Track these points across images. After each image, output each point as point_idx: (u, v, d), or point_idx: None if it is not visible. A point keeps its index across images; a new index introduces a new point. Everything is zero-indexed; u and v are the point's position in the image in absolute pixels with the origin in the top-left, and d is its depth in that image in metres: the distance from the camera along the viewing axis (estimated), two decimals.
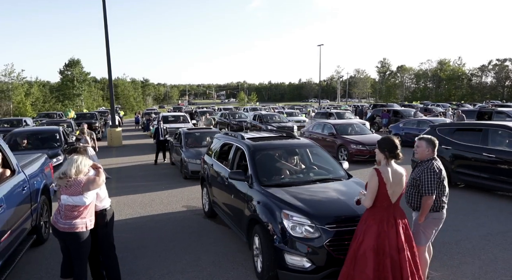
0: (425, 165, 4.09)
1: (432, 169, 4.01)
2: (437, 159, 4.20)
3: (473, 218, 6.84)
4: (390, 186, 3.61)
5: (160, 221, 7.14)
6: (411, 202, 4.19)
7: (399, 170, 3.74)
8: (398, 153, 3.72)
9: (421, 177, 4.02)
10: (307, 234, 4.06)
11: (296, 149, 5.98)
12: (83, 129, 11.85)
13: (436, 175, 4.01)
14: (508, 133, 7.92)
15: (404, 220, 3.76)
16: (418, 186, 4.08)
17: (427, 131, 9.84)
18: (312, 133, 15.18)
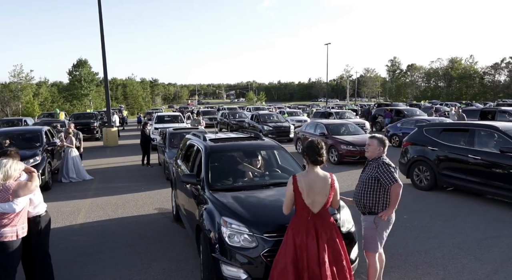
0: (377, 162, 3.92)
1: (387, 163, 3.87)
2: (386, 158, 3.98)
3: (453, 224, 6.46)
4: (307, 195, 3.29)
5: (126, 225, 6.93)
6: (365, 202, 3.93)
7: (321, 178, 3.39)
8: (317, 158, 3.38)
9: (378, 172, 3.84)
10: (244, 243, 3.78)
11: (256, 151, 5.68)
12: (68, 130, 11.76)
13: (393, 167, 3.86)
14: (494, 134, 7.49)
15: (330, 232, 3.37)
16: (374, 183, 3.87)
17: (415, 131, 9.47)
18: (305, 133, 14.84)
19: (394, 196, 3.80)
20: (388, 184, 3.77)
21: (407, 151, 9.31)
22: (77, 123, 22.81)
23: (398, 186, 3.76)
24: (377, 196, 3.88)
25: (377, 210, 3.90)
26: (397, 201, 3.82)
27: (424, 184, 8.76)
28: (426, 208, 7.41)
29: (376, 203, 3.89)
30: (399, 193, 3.79)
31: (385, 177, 3.78)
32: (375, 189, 3.88)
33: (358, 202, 4.02)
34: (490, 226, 6.29)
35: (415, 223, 6.54)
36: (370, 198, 3.90)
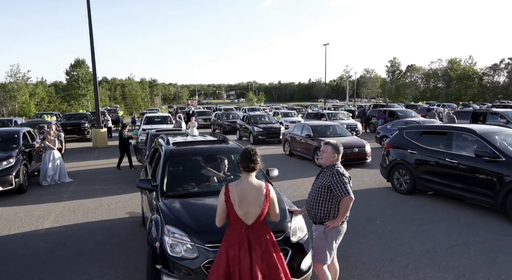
0: (331, 170, 3.74)
1: (341, 172, 3.69)
2: (341, 166, 3.78)
3: (425, 229, 6.29)
4: (239, 206, 3.09)
5: (93, 229, 6.77)
6: (316, 212, 3.77)
7: (255, 187, 3.18)
8: (250, 165, 3.18)
9: (332, 182, 3.67)
10: (185, 253, 3.63)
11: (218, 155, 5.52)
12: (50, 131, 11.60)
13: (347, 178, 3.69)
14: (471, 137, 7.32)
15: (265, 245, 3.17)
16: (326, 193, 3.70)
17: (396, 134, 9.30)
18: (292, 134, 14.67)
19: (343, 208, 3.65)
20: (340, 195, 3.61)
21: (388, 154, 9.15)
22: (68, 123, 22.84)
23: (349, 199, 3.60)
24: (328, 206, 3.72)
25: (328, 220, 3.73)
26: (345, 213, 3.67)
27: (404, 188, 8.59)
28: (402, 213, 7.25)
29: (327, 213, 3.73)
30: (349, 206, 3.64)
31: (338, 188, 3.61)
32: (327, 199, 3.71)
33: (310, 211, 3.86)
34: (462, 232, 6.12)
35: (387, 229, 6.37)
36: (321, 207, 3.74)
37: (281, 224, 3.93)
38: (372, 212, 7.41)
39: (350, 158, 11.98)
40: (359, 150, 12.01)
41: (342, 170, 3.71)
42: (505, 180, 6.42)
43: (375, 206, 7.83)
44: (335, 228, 3.72)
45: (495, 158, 6.65)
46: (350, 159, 11.99)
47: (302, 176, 11.03)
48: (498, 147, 6.79)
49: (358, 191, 9.13)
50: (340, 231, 3.80)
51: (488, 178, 6.69)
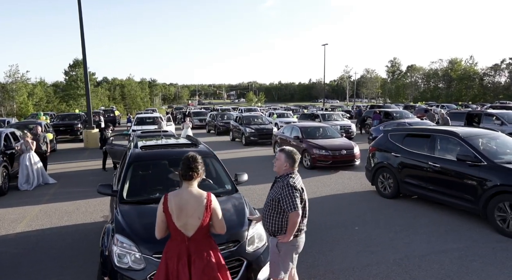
0: (284, 181, 3.50)
1: (292, 185, 3.42)
2: (297, 175, 3.59)
3: (403, 236, 6.11)
4: (177, 217, 2.90)
5: (64, 234, 6.61)
6: (269, 225, 3.56)
7: (195, 197, 2.96)
8: (188, 173, 2.98)
9: (281, 194, 3.43)
10: (133, 264, 3.46)
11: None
12: (27, 133, 11.33)
13: (298, 191, 3.43)
14: (454, 140, 7.12)
15: (207, 258, 2.95)
16: (277, 206, 3.47)
17: (380, 136, 9.11)
18: (282, 136, 14.49)
19: (290, 224, 3.40)
20: (287, 210, 3.37)
21: (373, 157, 8.96)
22: (61, 124, 22.72)
23: (296, 215, 3.35)
24: (279, 220, 3.48)
25: (280, 234, 3.51)
26: (293, 229, 3.41)
27: (388, 192, 8.41)
28: (383, 218, 7.07)
29: (279, 227, 3.49)
30: (296, 222, 3.38)
31: (285, 202, 3.38)
32: (279, 212, 3.47)
33: (263, 223, 3.66)
34: (441, 239, 5.94)
35: (364, 235, 6.19)
36: (273, 221, 3.51)
37: (236, 233, 3.77)
38: (352, 216, 7.23)
39: (338, 160, 11.82)
40: (347, 152, 11.82)
41: (293, 182, 3.45)
42: (486, 185, 6.22)
43: (357, 210, 7.65)
44: (289, 242, 3.49)
45: (477, 162, 6.45)
46: (338, 161, 11.83)
47: None
48: (481, 151, 6.59)
49: (342, 194, 8.97)
50: (295, 245, 3.56)
51: (470, 183, 6.50)
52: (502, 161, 6.34)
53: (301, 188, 3.49)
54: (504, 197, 5.96)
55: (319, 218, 7.14)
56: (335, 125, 20.62)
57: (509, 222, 5.90)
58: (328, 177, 10.92)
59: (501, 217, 6.01)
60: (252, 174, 11.62)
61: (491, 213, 6.15)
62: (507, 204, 5.92)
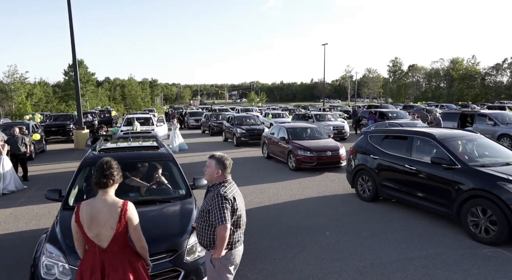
0: (215, 190, 3.27)
1: (223, 195, 3.18)
2: (231, 183, 3.36)
3: (373, 242, 5.90)
4: (89, 227, 2.70)
5: (26, 239, 6.42)
6: (201, 238, 3.33)
7: (109, 206, 2.77)
8: (102, 181, 2.77)
9: (212, 205, 3.19)
10: (60, 276, 3.28)
11: (138, 164, 5.17)
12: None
13: (228, 201, 3.18)
14: (431, 142, 6.90)
15: (123, 272, 2.74)
16: (208, 218, 3.24)
17: (360, 138, 8.90)
18: (269, 136, 14.29)
19: (218, 238, 3.13)
20: (215, 222, 3.13)
21: (353, 159, 8.75)
22: (52, 124, 22.61)
23: (223, 229, 3.08)
24: (212, 232, 3.22)
25: (213, 248, 3.25)
26: (222, 244, 3.12)
27: (367, 195, 8.20)
28: (357, 222, 6.86)
29: (211, 240, 3.24)
30: (224, 236, 3.10)
31: (214, 214, 3.13)
32: (210, 224, 3.23)
33: (197, 236, 3.41)
34: (411, 245, 5.73)
35: (333, 241, 5.99)
36: (204, 234, 3.28)
37: (174, 242, 3.58)
38: (326, 221, 7.02)
39: (324, 161, 11.62)
40: (333, 154, 11.60)
41: (224, 191, 3.21)
42: (460, 189, 6.00)
43: (332, 214, 7.44)
44: (223, 256, 3.22)
45: (452, 165, 6.24)
46: (323, 163, 11.62)
47: (271, 180, 10.66)
48: (455, 153, 6.37)
49: (322, 197, 8.76)
50: (230, 259, 3.28)
51: (445, 187, 6.29)
52: (477, 165, 6.12)
53: (233, 197, 3.23)
54: (477, 201, 5.75)
55: (291, 223, 6.95)
56: (327, 126, 20.47)
57: (481, 228, 5.68)
58: (311, 179, 10.72)
59: (474, 222, 5.80)
60: (235, 176, 11.46)
61: (464, 218, 5.93)
62: (480, 209, 5.71)
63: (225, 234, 3.09)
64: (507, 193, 5.33)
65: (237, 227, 3.29)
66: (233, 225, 3.25)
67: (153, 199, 4.49)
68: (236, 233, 3.29)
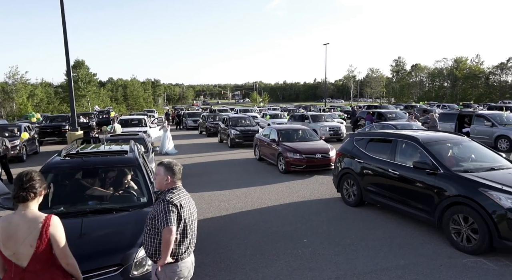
0: (163, 196, 3.10)
1: (169, 200, 3.01)
2: (181, 190, 3.18)
3: (351, 250, 5.66)
4: (4, 245, 2.48)
5: None
6: (146, 247, 3.15)
7: (29, 221, 2.54)
8: (19, 194, 2.55)
9: (157, 210, 3.03)
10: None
11: (100, 170, 4.97)
12: None
13: (175, 206, 3.00)
14: (414, 146, 6.65)
15: None
16: (154, 224, 3.06)
17: (347, 141, 8.66)
18: (261, 138, 14.06)
19: (163, 242, 2.94)
20: (160, 226, 2.96)
21: (339, 162, 8.51)
22: (48, 126, 22.51)
23: (168, 231, 2.90)
24: (158, 240, 3.04)
25: (157, 258, 3.07)
26: (167, 249, 2.93)
27: (352, 200, 7.96)
28: (337, 229, 6.62)
29: (156, 249, 3.06)
30: (169, 240, 2.91)
31: (159, 217, 2.97)
32: (156, 232, 3.05)
33: (143, 245, 3.23)
34: (390, 254, 5.49)
35: (309, 249, 5.76)
36: (149, 241, 3.09)
37: (121, 255, 3.37)
38: (306, 227, 6.80)
39: (314, 164, 11.38)
40: (323, 156, 11.35)
41: (171, 197, 3.04)
42: (442, 195, 5.76)
43: (314, 219, 7.21)
44: (168, 268, 3.03)
45: (434, 170, 5.99)
46: (313, 166, 11.39)
47: (259, 183, 10.44)
48: (438, 158, 6.12)
49: (307, 202, 8.53)
50: (177, 272, 3.07)
51: (427, 192, 6.04)
52: (460, 170, 5.87)
53: (179, 204, 3.04)
54: (458, 208, 5.50)
55: (270, 229, 6.73)
56: (323, 127, 20.24)
57: (463, 236, 5.43)
58: (300, 182, 10.48)
59: (456, 230, 5.55)
60: (223, 179, 11.28)
61: (446, 225, 5.69)
62: (461, 217, 5.46)
63: (170, 237, 2.91)
64: (488, 200, 5.09)
65: (184, 236, 3.10)
66: (180, 235, 3.06)
67: (110, 208, 4.27)
68: (183, 244, 3.10)
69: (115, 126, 16.56)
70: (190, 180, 10.92)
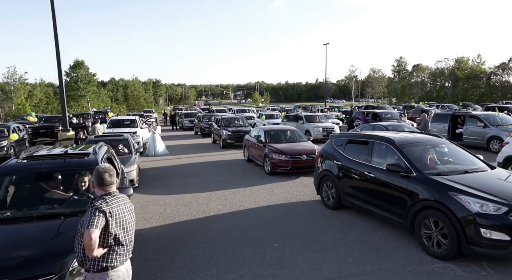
0: (93, 203, 2.98)
1: (98, 207, 2.89)
2: (114, 196, 3.07)
3: (319, 256, 5.52)
4: None
5: None
6: (77, 254, 3.01)
7: None
8: None
9: (85, 217, 2.90)
10: None
11: (57, 173, 4.84)
12: None
13: (102, 212, 2.87)
14: (390, 148, 6.50)
15: None
16: (81, 229, 2.92)
17: (327, 142, 8.51)
18: (249, 139, 13.92)
19: (84, 243, 2.79)
20: (82, 230, 2.84)
21: (320, 163, 8.36)
22: (41, 126, 22.49)
23: (87, 233, 2.74)
24: (82, 247, 2.91)
25: (87, 266, 2.93)
26: (88, 250, 2.77)
27: (330, 202, 7.81)
28: (311, 233, 6.47)
29: (84, 256, 2.93)
30: (88, 244, 2.74)
31: (84, 222, 2.85)
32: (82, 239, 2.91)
33: (74, 251, 3.10)
34: (359, 259, 5.34)
35: (278, 254, 5.62)
36: (79, 248, 2.96)
37: (54, 263, 3.24)
38: (281, 230, 6.65)
39: (299, 165, 11.23)
40: (309, 157, 11.20)
41: (100, 203, 2.92)
42: (414, 198, 5.60)
43: (290, 223, 7.07)
44: (97, 277, 2.90)
45: (408, 173, 5.83)
46: (299, 167, 11.24)
47: (242, 185, 10.30)
48: (412, 160, 5.96)
49: (286, 204, 8.38)
50: None
51: (401, 196, 5.88)
52: (433, 173, 5.71)
53: (108, 211, 2.91)
54: (429, 212, 5.34)
55: (244, 232, 6.59)
56: (317, 127, 20.09)
57: (433, 241, 5.28)
58: (284, 184, 10.33)
59: (427, 235, 5.40)
60: (209, 180, 11.14)
61: (418, 230, 5.53)
62: (432, 221, 5.30)
63: (89, 241, 2.73)
64: (457, 204, 4.93)
65: (117, 244, 2.97)
66: (113, 242, 2.93)
67: (59, 213, 4.15)
68: (114, 251, 2.96)
69: (96, 127, 16.49)
70: (175, 181, 10.79)
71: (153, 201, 8.86)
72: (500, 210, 4.69)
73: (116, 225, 2.94)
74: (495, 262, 5.01)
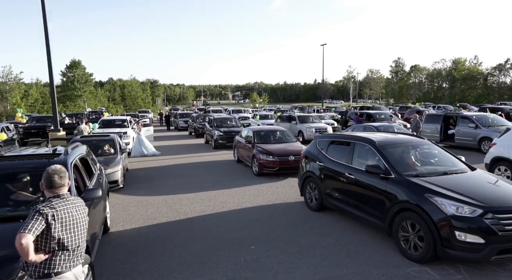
0: (37, 205, 2.86)
1: (38, 210, 2.77)
2: (63, 199, 2.95)
3: (294, 259, 5.42)
4: None
5: None
6: (20, 260, 2.90)
7: None
8: None
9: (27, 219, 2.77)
10: None
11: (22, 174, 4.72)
12: None
13: (42, 216, 2.74)
14: (370, 149, 6.40)
15: None
16: None
17: (311, 143, 8.41)
18: (239, 139, 13.82)
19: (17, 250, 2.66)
20: None
21: (304, 165, 8.26)
22: (32, 126, 22.35)
23: (17, 237, 2.60)
24: None
25: (29, 272, 2.81)
26: (25, 257, 2.65)
27: (313, 204, 7.71)
28: (290, 235, 6.37)
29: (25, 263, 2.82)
30: (20, 248, 2.60)
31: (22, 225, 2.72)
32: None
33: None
34: (335, 262, 5.24)
35: (254, 257, 5.52)
36: None
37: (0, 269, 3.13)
38: (258, 232, 6.55)
39: (287, 166, 11.13)
40: (296, 158, 11.09)
41: (43, 206, 2.81)
42: (392, 200, 5.51)
43: (270, 224, 6.97)
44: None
45: (387, 175, 5.74)
46: (286, 168, 11.14)
47: (228, 186, 10.20)
48: (391, 162, 5.87)
49: (270, 206, 8.28)
50: None
51: (380, 198, 5.79)
52: (411, 174, 5.62)
53: (51, 215, 2.78)
54: (406, 214, 5.25)
55: (223, 234, 6.49)
56: (309, 128, 20.01)
57: (410, 243, 5.18)
58: (270, 185, 10.23)
59: (405, 237, 5.30)
60: (196, 181, 11.04)
61: (396, 232, 5.44)
62: (409, 223, 5.21)
63: (19, 246, 2.59)
64: (432, 206, 4.84)
65: (61, 249, 2.85)
66: (56, 247, 2.82)
67: (18, 215, 4.04)
68: (59, 258, 2.85)
69: (81, 127, 16.39)
70: (162, 182, 10.69)
71: (135, 202, 8.76)
72: (475, 212, 4.60)
73: (62, 229, 2.83)
74: (471, 265, 4.92)
